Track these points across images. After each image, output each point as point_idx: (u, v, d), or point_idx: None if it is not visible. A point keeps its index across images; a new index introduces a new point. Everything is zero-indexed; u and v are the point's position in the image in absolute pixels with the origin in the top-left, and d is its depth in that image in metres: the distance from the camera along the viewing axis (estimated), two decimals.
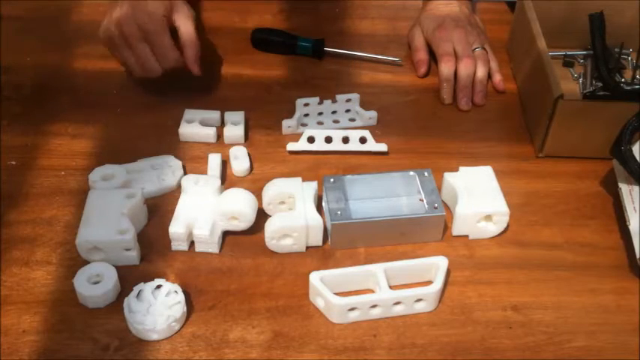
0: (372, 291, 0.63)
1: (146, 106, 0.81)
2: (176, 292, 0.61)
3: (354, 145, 0.77)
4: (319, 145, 0.76)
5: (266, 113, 0.81)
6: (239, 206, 0.66)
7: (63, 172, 0.73)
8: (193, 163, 0.75)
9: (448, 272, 0.65)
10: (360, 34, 0.94)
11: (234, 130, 0.77)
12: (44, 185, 0.72)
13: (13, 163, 0.74)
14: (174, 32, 0.76)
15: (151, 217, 0.69)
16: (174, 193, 0.71)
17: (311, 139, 0.76)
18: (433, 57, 0.88)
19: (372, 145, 0.77)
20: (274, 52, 0.89)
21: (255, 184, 0.73)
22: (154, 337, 0.59)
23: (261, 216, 0.68)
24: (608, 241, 0.70)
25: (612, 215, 0.72)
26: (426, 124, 0.82)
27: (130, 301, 0.60)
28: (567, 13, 0.87)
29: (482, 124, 0.82)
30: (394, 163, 0.76)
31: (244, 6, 0.97)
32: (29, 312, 0.61)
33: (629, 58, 0.88)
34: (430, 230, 0.68)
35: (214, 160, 0.74)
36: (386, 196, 0.70)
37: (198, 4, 0.82)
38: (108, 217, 0.65)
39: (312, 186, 0.69)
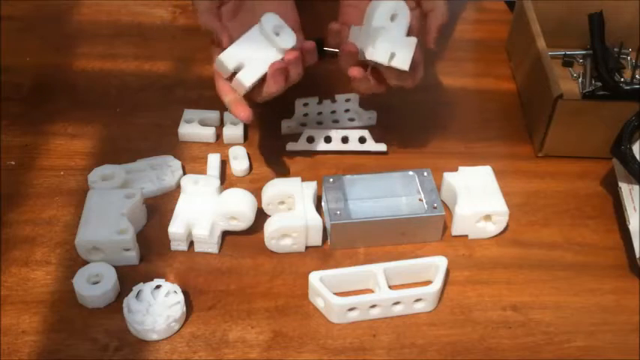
0: (371, 291, 0.63)
1: (146, 106, 0.81)
2: (175, 292, 0.61)
3: (353, 145, 0.77)
4: (319, 145, 0.76)
5: (265, 113, 0.81)
6: (238, 206, 0.66)
7: (62, 172, 0.73)
8: (193, 163, 0.75)
9: (447, 272, 0.65)
10: None
11: (234, 130, 0.77)
12: (44, 185, 0.72)
13: (13, 163, 0.74)
14: None
15: (151, 217, 0.69)
16: (174, 193, 0.71)
17: (310, 139, 0.76)
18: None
19: (372, 145, 0.77)
20: None
21: (254, 184, 0.73)
22: (154, 337, 0.59)
23: (261, 216, 0.68)
24: (608, 241, 0.70)
25: (612, 215, 0.72)
26: (426, 124, 0.82)
27: (129, 301, 0.60)
28: (567, 13, 0.87)
29: (482, 124, 0.82)
30: (394, 163, 0.76)
31: None
32: (29, 312, 0.61)
33: (629, 57, 0.88)
34: (429, 230, 0.68)
35: (214, 160, 0.74)
36: (385, 196, 0.70)
37: None
38: (107, 217, 0.65)
39: (311, 186, 0.69)
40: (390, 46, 0.64)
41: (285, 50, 0.66)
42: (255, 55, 0.65)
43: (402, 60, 0.65)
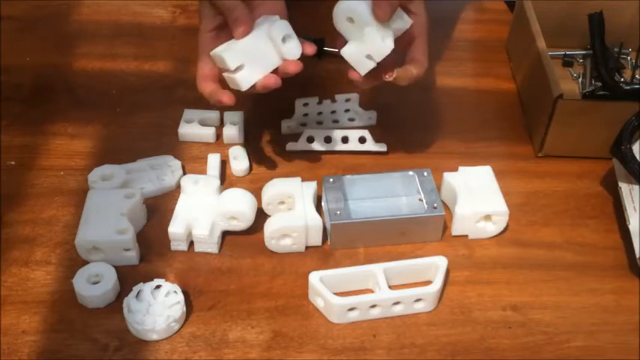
0: (371, 291, 0.63)
1: (146, 106, 0.81)
2: (175, 292, 0.61)
3: (353, 145, 0.77)
4: (319, 145, 0.76)
5: (265, 113, 0.81)
6: (238, 206, 0.66)
7: (62, 172, 0.73)
8: (193, 163, 0.75)
9: (447, 272, 0.65)
10: None
11: (234, 130, 0.77)
12: (43, 185, 0.72)
13: (13, 163, 0.74)
14: None
15: (151, 217, 0.69)
16: (174, 193, 0.71)
17: (310, 139, 0.76)
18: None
19: (372, 145, 0.77)
20: None
21: (254, 184, 0.73)
22: (154, 337, 0.59)
23: (261, 216, 0.68)
24: (608, 240, 0.70)
25: (612, 215, 0.72)
26: (426, 124, 0.82)
27: (129, 301, 0.60)
28: (567, 13, 0.87)
29: (482, 124, 0.82)
30: (393, 163, 0.76)
31: None
32: (29, 312, 0.61)
33: (629, 57, 0.88)
34: (429, 230, 0.68)
35: (214, 160, 0.74)
36: (385, 196, 0.70)
37: None
38: (107, 217, 0.65)
39: (311, 186, 0.69)
40: (363, 50, 0.64)
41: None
42: (257, 57, 0.65)
43: (380, 52, 0.64)
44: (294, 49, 0.65)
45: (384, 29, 0.65)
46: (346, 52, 0.66)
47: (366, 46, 0.64)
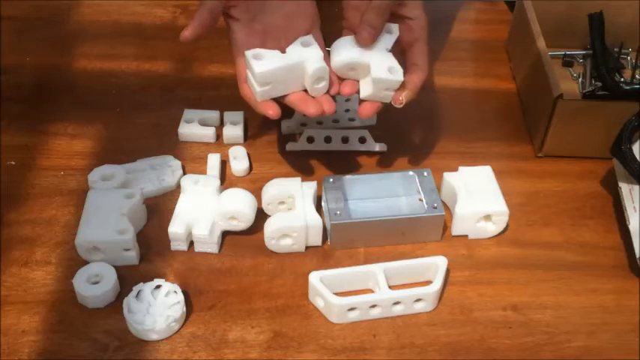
0: (371, 291, 0.63)
1: (146, 106, 0.81)
2: (175, 292, 0.61)
3: (353, 145, 0.77)
4: (319, 145, 0.76)
5: None
6: (238, 206, 0.66)
7: (62, 172, 0.73)
8: (193, 163, 0.75)
9: (447, 272, 0.65)
10: None
11: (234, 130, 0.77)
12: (43, 185, 0.72)
13: (13, 163, 0.74)
14: None
15: (151, 217, 0.69)
16: (174, 193, 0.71)
17: (310, 139, 0.76)
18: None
19: (372, 145, 0.77)
20: None
21: (254, 184, 0.73)
22: (154, 337, 0.59)
23: (261, 216, 0.68)
24: (608, 241, 0.70)
25: (612, 215, 0.72)
26: (426, 124, 0.82)
27: (129, 301, 0.60)
28: (567, 13, 0.87)
29: (482, 124, 0.82)
30: (394, 163, 0.76)
31: None
32: (29, 312, 0.61)
33: (629, 57, 0.88)
34: (429, 230, 0.68)
35: (214, 160, 0.74)
36: (385, 196, 0.70)
37: None
38: (107, 217, 0.65)
39: (311, 186, 0.69)
40: (378, 89, 0.65)
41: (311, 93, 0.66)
42: (284, 81, 0.65)
43: (393, 85, 0.65)
44: (320, 90, 0.66)
45: (385, 58, 0.65)
46: (364, 95, 0.66)
47: (378, 84, 0.65)
